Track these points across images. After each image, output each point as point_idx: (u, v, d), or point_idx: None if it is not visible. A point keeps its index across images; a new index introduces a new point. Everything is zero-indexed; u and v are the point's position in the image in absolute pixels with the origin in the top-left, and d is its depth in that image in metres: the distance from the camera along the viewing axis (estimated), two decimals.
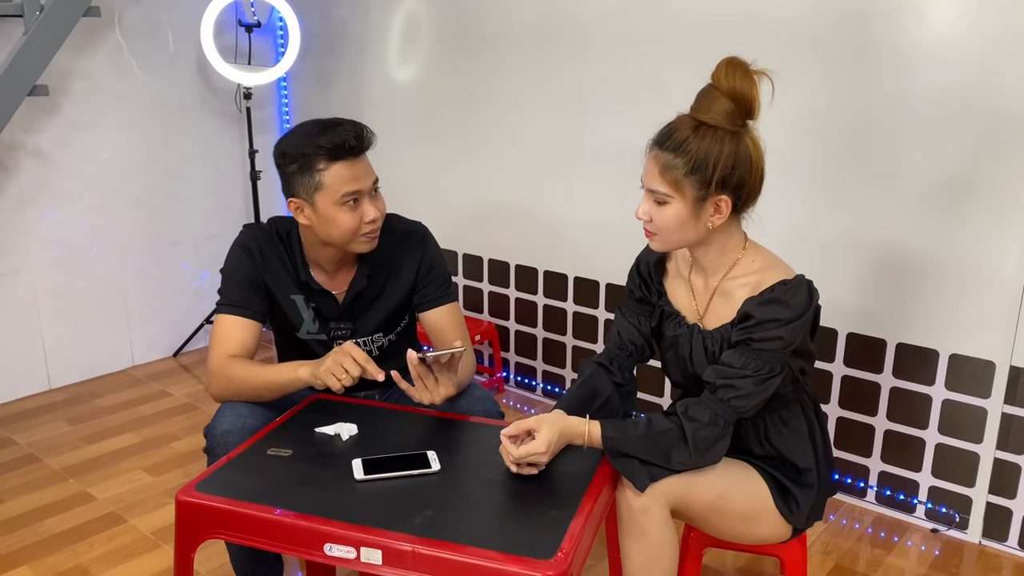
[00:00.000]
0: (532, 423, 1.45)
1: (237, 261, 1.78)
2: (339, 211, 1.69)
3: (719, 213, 1.47)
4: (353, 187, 1.69)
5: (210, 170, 3.73)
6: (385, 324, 1.90)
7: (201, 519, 1.40)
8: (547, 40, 2.86)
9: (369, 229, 1.73)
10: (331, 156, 1.67)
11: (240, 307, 1.75)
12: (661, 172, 1.45)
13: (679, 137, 1.44)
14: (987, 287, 2.14)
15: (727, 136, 1.43)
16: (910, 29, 2.13)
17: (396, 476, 1.46)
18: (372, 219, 1.72)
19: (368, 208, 1.72)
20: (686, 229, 1.48)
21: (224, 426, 1.64)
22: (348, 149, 1.67)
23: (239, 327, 1.74)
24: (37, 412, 3.12)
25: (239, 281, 1.77)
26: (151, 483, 2.59)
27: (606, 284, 2.92)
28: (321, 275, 1.83)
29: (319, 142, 1.66)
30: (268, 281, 1.80)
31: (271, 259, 1.80)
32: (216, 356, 1.72)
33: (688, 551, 1.76)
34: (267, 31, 3.76)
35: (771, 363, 1.46)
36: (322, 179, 1.68)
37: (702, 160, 1.42)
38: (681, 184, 1.44)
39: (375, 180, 1.75)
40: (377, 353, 1.91)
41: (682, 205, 1.46)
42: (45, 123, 3.16)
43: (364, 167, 1.72)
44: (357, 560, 1.29)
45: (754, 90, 1.44)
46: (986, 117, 2.06)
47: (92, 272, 3.39)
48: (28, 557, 2.20)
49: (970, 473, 2.26)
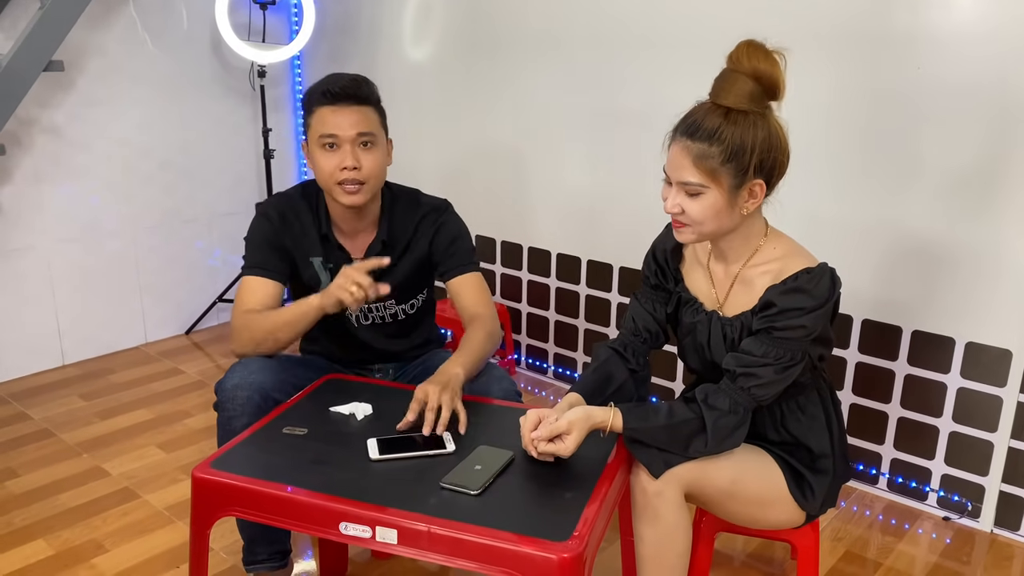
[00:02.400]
0: (563, 427, 1.42)
1: (258, 228, 1.85)
2: (319, 153, 1.76)
3: (753, 198, 1.46)
4: (329, 130, 1.74)
5: (224, 148, 3.72)
6: (399, 294, 1.90)
7: (217, 496, 1.41)
8: (565, 22, 2.84)
9: (343, 177, 1.75)
10: (321, 99, 1.75)
11: (261, 268, 1.81)
12: (695, 163, 1.42)
13: (711, 125, 1.41)
14: (1004, 275, 2.12)
15: (758, 119, 1.41)
16: (935, 16, 2.10)
17: (411, 456, 1.46)
18: (346, 166, 1.74)
19: (346, 156, 1.74)
20: (722, 218, 1.46)
21: (234, 380, 1.67)
22: (335, 94, 1.74)
23: (260, 285, 1.80)
24: (51, 387, 3.14)
25: (259, 245, 1.83)
26: (164, 459, 2.61)
27: (619, 268, 2.91)
28: (341, 235, 1.88)
29: (319, 86, 1.77)
30: (288, 244, 1.85)
31: (292, 221, 1.85)
32: (237, 312, 1.78)
33: (700, 536, 1.76)
34: (281, 8, 3.74)
35: (792, 351, 1.45)
36: (311, 120, 1.77)
37: (739, 146, 1.40)
38: (717, 173, 1.42)
39: (362, 133, 1.75)
40: (390, 320, 1.93)
41: (718, 194, 1.43)
42: (60, 99, 3.16)
43: (349, 117, 1.74)
44: (372, 539, 1.30)
45: (776, 69, 1.42)
46: (1007, 106, 2.03)
47: (106, 249, 3.39)
48: (44, 531, 2.22)
49: (984, 462, 2.25)
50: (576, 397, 1.57)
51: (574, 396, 1.58)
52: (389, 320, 1.93)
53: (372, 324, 1.93)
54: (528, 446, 1.44)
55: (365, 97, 1.77)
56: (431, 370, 1.91)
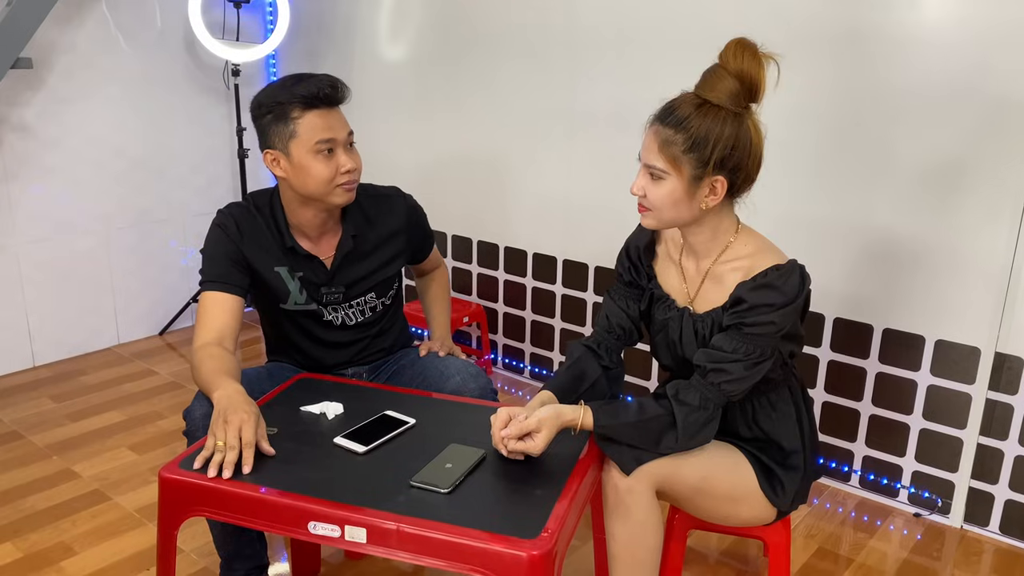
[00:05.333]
0: (532, 424, 1.42)
1: (214, 239, 1.78)
2: (314, 160, 1.70)
3: (714, 194, 1.47)
4: (327, 135, 1.70)
5: (198, 147, 3.69)
6: (378, 285, 1.90)
7: (185, 496, 1.39)
8: (541, 19, 2.84)
9: (345, 179, 1.73)
10: (305, 104, 1.68)
11: (220, 282, 1.75)
12: (660, 148, 1.44)
13: (681, 114, 1.43)
14: (973, 274, 2.15)
15: (729, 116, 1.42)
16: (904, 16, 2.12)
17: (391, 438, 1.51)
18: (348, 168, 1.73)
19: (343, 158, 1.72)
20: (680, 207, 1.48)
21: (204, 409, 1.60)
22: (322, 98, 1.69)
23: (220, 303, 1.73)
24: (21, 389, 3.10)
25: (217, 258, 1.76)
26: (136, 461, 2.58)
27: (595, 267, 2.92)
28: (306, 241, 1.83)
29: (294, 91, 1.69)
30: (248, 255, 1.79)
31: (250, 233, 1.79)
32: (195, 344, 1.70)
33: (673, 533, 1.76)
34: (256, 7, 3.72)
35: (762, 347, 1.46)
36: (296, 127, 1.69)
37: (702, 138, 1.41)
38: (679, 161, 1.43)
39: (350, 132, 1.76)
40: (371, 315, 1.92)
41: (678, 182, 1.45)
42: (29, 97, 3.12)
43: (339, 118, 1.73)
44: (342, 538, 1.29)
45: (761, 72, 1.43)
46: (977, 105, 2.06)
47: (78, 248, 3.35)
48: (11, 534, 2.19)
49: (953, 458, 2.27)
50: (548, 395, 1.57)
51: (546, 394, 1.58)
52: (370, 315, 1.92)
53: (355, 325, 1.91)
54: (498, 444, 1.44)
55: (344, 96, 1.76)
56: (405, 368, 1.91)
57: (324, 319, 1.87)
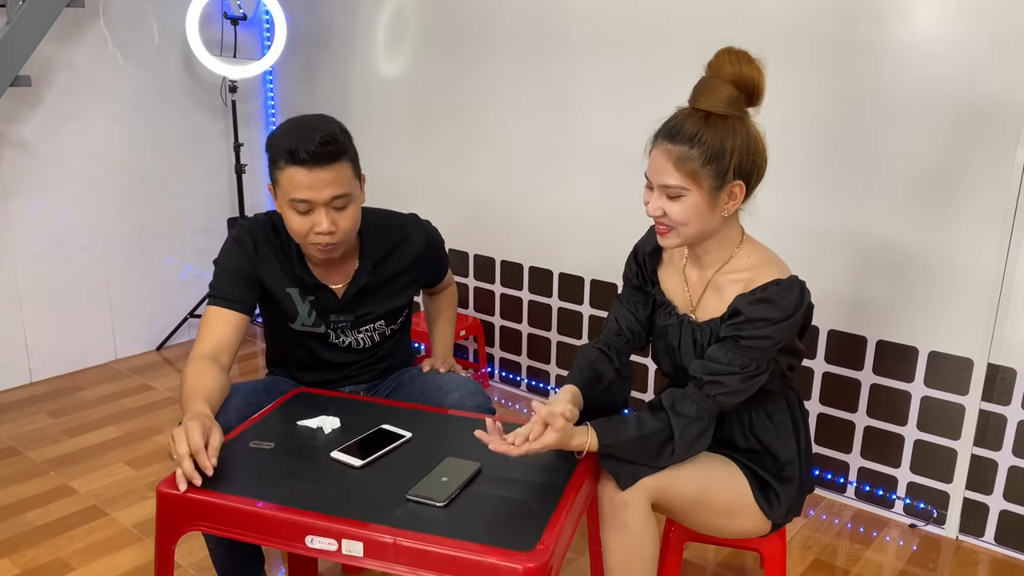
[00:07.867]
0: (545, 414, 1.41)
1: (229, 253, 1.78)
2: (290, 212, 1.67)
3: (733, 199, 1.48)
4: (301, 195, 1.63)
5: (196, 163, 3.71)
6: (388, 314, 1.90)
7: (182, 511, 1.40)
8: (536, 36, 2.87)
9: (318, 240, 1.67)
10: (289, 158, 1.62)
11: (226, 299, 1.74)
12: (676, 165, 1.45)
13: (691, 129, 1.44)
14: (966, 285, 2.16)
15: (737, 123, 1.45)
16: (896, 27, 2.15)
17: (387, 452, 1.51)
18: (322, 231, 1.65)
19: (321, 219, 1.65)
20: (703, 219, 1.48)
21: None
22: (302, 157, 1.61)
23: (222, 319, 1.73)
24: (19, 405, 3.10)
25: (228, 273, 1.76)
26: (133, 476, 2.58)
27: (591, 280, 2.93)
28: (317, 269, 1.81)
29: (284, 141, 1.63)
30: (261, 273, 1.78)
31: (266, 251, 1.79)
32: (192, 353, 1.71)
33: (669, 545, 1.77)
34: (253, 24, 3.75)
35: (757, 361, 1.47)
36: (279, 177, 1.66)
37: (718, 149, 1.43)
38: (698, 175, 1.44)
39: (339, 195, 1.65)
40: (378, 340, 1.92)
41: (699, 196, 1.46)
42: (28, 114, 3.14)
43: (324, 178, 1.63)
44: (339, 552, 1.30)
45: (760, 75, 1.46)
46: (968, 117, 2.08)
47: (76, 264, 3.37)
48: (8, 550, 2.19)
49: (948, 469, 2.28)
50: (574, 389, 1.59)
51: (572, 388, 1.59)
52: (378, 340, 1.92)
53: (360, 348, 1.91)
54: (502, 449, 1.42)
55: (339, 154, 1.65)
56: (404, 385, 1.91)
57: (331, 341, 1.88)
